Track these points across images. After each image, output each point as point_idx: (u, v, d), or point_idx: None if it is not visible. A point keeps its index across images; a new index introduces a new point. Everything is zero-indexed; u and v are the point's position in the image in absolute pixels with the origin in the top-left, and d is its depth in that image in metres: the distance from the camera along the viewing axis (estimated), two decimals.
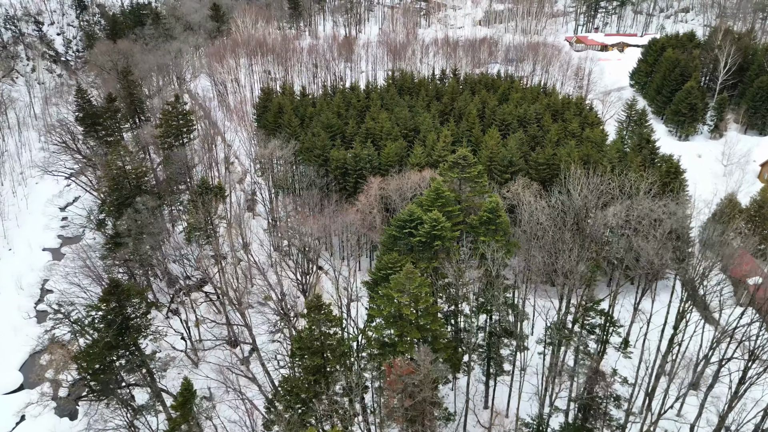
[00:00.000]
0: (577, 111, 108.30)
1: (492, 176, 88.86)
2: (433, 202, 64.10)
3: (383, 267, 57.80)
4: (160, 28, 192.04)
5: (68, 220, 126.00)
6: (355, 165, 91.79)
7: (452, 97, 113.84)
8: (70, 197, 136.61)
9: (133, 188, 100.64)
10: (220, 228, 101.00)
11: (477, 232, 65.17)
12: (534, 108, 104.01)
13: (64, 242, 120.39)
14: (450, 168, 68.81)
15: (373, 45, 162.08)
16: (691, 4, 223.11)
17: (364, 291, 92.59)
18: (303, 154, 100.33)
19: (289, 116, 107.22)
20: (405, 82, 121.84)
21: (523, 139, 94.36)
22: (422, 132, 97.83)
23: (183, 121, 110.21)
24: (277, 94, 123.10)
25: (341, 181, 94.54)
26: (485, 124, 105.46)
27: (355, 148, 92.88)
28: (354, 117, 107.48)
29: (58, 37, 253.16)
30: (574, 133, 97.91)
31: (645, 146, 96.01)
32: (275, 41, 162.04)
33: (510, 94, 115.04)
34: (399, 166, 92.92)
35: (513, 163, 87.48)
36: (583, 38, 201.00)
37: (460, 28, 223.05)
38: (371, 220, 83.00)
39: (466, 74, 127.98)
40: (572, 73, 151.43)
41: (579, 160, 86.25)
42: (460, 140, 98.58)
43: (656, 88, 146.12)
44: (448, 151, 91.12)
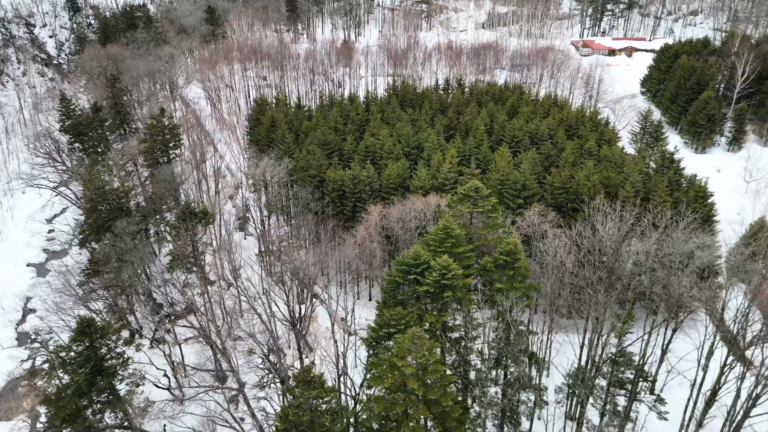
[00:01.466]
0: (592, 126, 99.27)
1: (503, 200, 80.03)
2: (442, 242, 55.25)
3: (385, 323, 48.99)
4: (152, 31, 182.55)
5: (54, 233, 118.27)
6: (354, 188, 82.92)
7: (457, 109, 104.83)
8: (58, 208, 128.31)
9: (114, 210, 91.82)
10: (206, 255, 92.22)
11: (491, 277, 56.40)
12: (546, 123, 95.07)
13: (49, 257, 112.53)
14: (460, 200, 59.94)
15: (372, 52, 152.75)
16: (700, 7, 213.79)
17: (363, 319, 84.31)
18: (297, 174, 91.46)
19: (283, 131, 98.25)
20: (407, 93, 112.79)
21: (536, 159, 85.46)
22: (426, 150, 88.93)
23: (169, 135, 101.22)
24: (270, 105, 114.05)
25: (338, 204, 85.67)
26: (494, 140, 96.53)
27: (354, 168, 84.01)
28: (352, 132, 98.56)
29: (51, 40, 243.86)
30: (591, 151, 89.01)
31: (669, 166, 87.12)
32: (270, 47, 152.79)
33: (519, 107, 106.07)
34: (401, 189, 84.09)
35: (526, 187, 78.64)
36: (590, 42, 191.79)
37: (462, 32, 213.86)
38: (371, 253, 74.26)
39: (472, 84, 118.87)
40: (582, 81, 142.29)
41: (599, 183, 77.39)
42: (467, 159, 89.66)
43: (670, 97, 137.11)
44: (455, 173, 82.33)
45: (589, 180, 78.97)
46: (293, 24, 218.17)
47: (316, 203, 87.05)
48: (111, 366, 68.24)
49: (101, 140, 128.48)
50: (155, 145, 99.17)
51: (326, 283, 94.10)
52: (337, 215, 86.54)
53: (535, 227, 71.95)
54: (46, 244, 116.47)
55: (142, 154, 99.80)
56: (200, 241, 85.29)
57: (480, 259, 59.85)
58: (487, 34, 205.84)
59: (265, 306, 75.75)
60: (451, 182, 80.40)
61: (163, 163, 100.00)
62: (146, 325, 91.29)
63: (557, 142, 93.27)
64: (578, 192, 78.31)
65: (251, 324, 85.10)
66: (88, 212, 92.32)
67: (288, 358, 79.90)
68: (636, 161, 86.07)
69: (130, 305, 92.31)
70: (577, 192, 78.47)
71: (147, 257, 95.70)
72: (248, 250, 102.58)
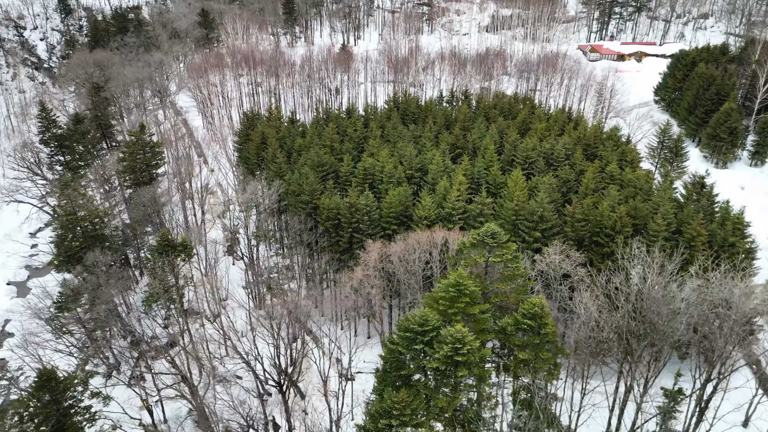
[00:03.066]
0: (612, 145, 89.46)
1: (517, 233, 70.38)
2: (453, 301, 45.55)
3: (385, 412, 39.40)
4: (143, 36, 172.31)
5: (38, 247, 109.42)
6: (350, 217, 73.17)
7: (464, 125, 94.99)
8: (42, 221, 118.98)
9: (88, 238, 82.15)
10: (189, 288, 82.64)
11: (511, 341, 46.76)
12: (562, 142, 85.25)
13: (31, 274, 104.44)
14: (473, 246, 50.21)
15: (372, 59, 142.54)
16: (711, 10, 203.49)
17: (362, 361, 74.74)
18: (289, 198, 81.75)
19: (274, 149, 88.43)
20: (408, 105, 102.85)
21: (553, 184, 75.68)
22: (431, 173, 79.14)
23: (151, 153, 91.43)
24: (262, 118, 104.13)
25: (333, 234, 75.96)
26: (504, 160, 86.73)
27: (351, 195, 74.22)
28: (349, 151, 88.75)
29: (41, 43, 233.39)
30: (613, 174, 79.21)
31: (700, 192, 77.36)
32: (265, 53, 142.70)
33: (532, 122, 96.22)
34: (403, 218, 74.36)
35: (544, 219, 68.90)
36: (598, 47, 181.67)
37: (465, 35, 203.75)
38: (369, 295, 64.61)
39: (479, 96, 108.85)
40: (595, 91, 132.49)
41: (626, 215, 67.63)
42: (476, 183, 79.89)
43: (688, 107, 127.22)
44: (463, 201, 72.57)
45: (615, 211, 69.29)
46: (290, 27, 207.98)
47: (309, 233, 77.44)
48: (75, 423, 60.09)
49: (83, 154, 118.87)
50: (135, 164, 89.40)
51: (321, 317, 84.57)
52: (332, 246, 76.89)
53: (555, 267, 62.39)
54: (29, 261, 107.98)
55: (120, 174, 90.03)
56: (180, 276, 75.73)
57: (497, 316, 50.25)
58: (491, 38, 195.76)
59: (252, 348, 66.62)
60: (459, 212, 70.70)
61: (145, 183, 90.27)
62: (125, 360, 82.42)
63: (575, 164, 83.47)
64: (602, 224, 68.63)
65: (235, 369, 76.13)
66: (59, 239, 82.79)
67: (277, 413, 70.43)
68: (665, 187, 76.24)
69: (107, 340, 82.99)
70: (600, 224, 68.78)
71: (124, 288, 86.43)
72: (237, 276, 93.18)
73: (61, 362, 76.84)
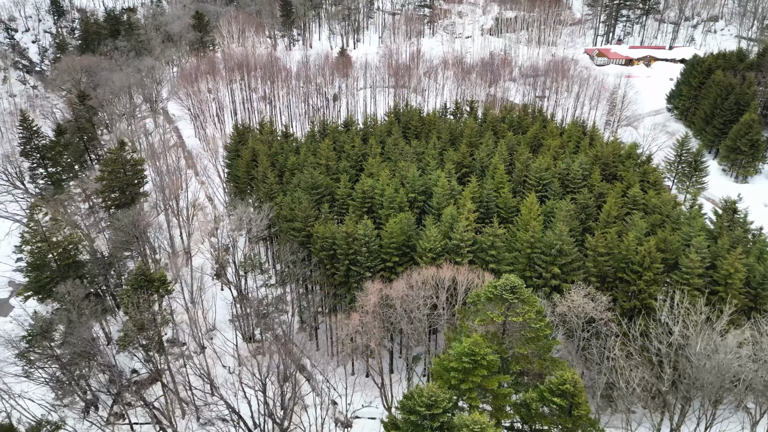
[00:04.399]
0: (632, 164, 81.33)
1: (533, 267, 62.35)
2: (467, 373, 37.57)
3: None
4: (133, 40, 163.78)
5: (23, 263, 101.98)
6: (347, 248, 65.05)
7: (470, 141, 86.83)
8: None
9: (61, 268, 74.12)
10: (170, 323, 74.61)
11: (536, 420, 38.77)
12: (579, 162, 77.09)
13: (14, 290, 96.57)
14: (489, 300, 42.18)
15: (372, 66, 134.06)
16: (721, 13, 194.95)
17: (360, 404, 66.96)
18: (280, 223, 73.66)
19: (264, 168, 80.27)
20: (411, 118, 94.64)
21: (570, 211, 67.55)
22: (435, 197, 71.00)
23: (132, 172, 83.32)
24: (253, 132, 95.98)
25: (328, 266, 67.85)
26: (515, 181, 78.61)
27: (347, 223, 66.06)
28: (347, 169, 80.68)
29: (33, 45, 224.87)
30: (636, 199, 71.06)
31: (734, 222, 69.21)
32: (260, 59, 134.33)
33: (544, 138, 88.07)
34: (406, 248, 66.28)
35: (563, 253, 60.80)
36: (606, 51, 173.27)
37: (468, 38, 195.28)
38: (367, 340, 56.54)
39: (486, 108, 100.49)
40: (606, 100, 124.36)
41: (654, 249, 59.53)
42: (486, 208, 71.78)
43: (704, 117, 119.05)
44: (472, 231, 64.45)
45: (642, 244, 61.24)
46: (288, 29, 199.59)
47: (301, 264, 69.38)
48: None
49: (66, 167, 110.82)
50: (115, 184, 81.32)
51: (316, 350, 76.59)
52: (328, 278, 68.80)
53: (579, 311, 54.46)
54: (12, 276, 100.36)
55: (99, 194, 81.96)
56: (160, 311, 67.71)
57: (517, 383, 42.24)
58: (494, 41, 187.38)
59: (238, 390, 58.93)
60: (467, 244, 62.57)
61: (126, 204, 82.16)
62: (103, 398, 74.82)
63: (593, 186, 75.35)
64: (628, 259, 60.58)
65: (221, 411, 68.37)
66: (29, 268, 74.76)
67: None
68: (694, 215, 68.09)
69: (83, 376, 75.08)
70: (626, 259, 60.72)
71: (102, 318, 78.57)
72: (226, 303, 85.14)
73: (37, 392, 69.75)
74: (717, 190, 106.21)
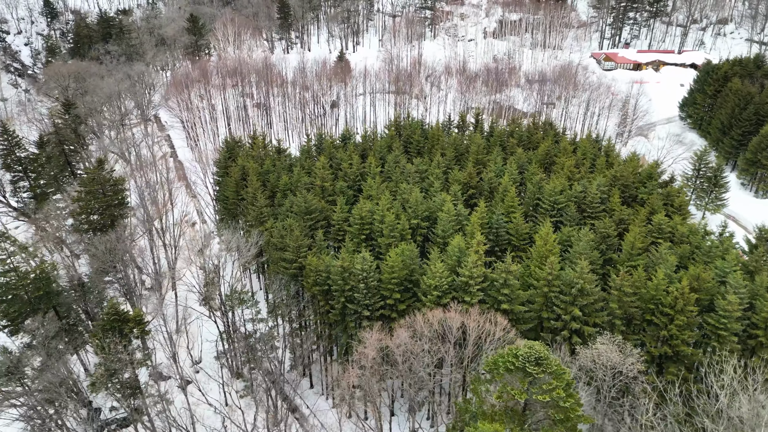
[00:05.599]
0: (655, 185, 73.95)
1: (551, 308, 55.11)
2: None
3: None
4: (124, 44, 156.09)
5: None
6: (343, 284, 57.78)
7: (477, 158, 79.44)
8: None
9: (32, 300, 66.80)
10: (143, 371, 67.34)
11: None
12: (596, 184, 69.68)
13: None
14: (509, 371, 34.98)
15: (372, 73, 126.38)
16: (730, 15, 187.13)
17: None
18: (270, 252, 66.37)
19: (254, 189, 72.87)
20: (413, 133, 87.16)
21: (592, 241, 60.24)
22: (441, 224, 63.64)
23: (111, 192, 75.98)
24: (245, 145, 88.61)
25: (322, 303, 60.58)
26: (527, 204, 71.28)
27: (343, 255, 58.70)
28: (344, 190, 73.36)
29: (26, 48, 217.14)
30: (662, 227, 63.71)
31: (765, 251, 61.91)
32: (255, 65, 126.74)
33: (556, 155, 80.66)
34: (408, 284, 59.00)
35: (585, 292, 53.54)
36: (613, 55, 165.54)
37: (471, 41, 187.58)
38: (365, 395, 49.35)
39: (493, 121, 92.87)
40: (618, 109, 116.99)
41: (688, 290, 52.21)
42: (496, 235, 64.47)
43: (721, 127, 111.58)
44: (482, 266, 57.12)
45: (672, 281, 54.00)
46: (285, 32, 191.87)
47: (293, 299, 62.17)
48: None
49: (49, 181, 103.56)
50: (92, 206, 74.00)
51: (309, 389, 69.37)
52: (322, 315, 61.57)
53: (606, 364, 47.21)
54: None
55: (76, 216, 74.67)
56: (135, 351, 60.46)
57: None
58: (498, 45, 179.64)
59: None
60: (477, 281, 55.25)
61: (105, 227, 74.82)
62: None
63: (612, 210, 68.04)
64: (657, 300, 53.33)
65: None
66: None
67: None
68: (727, 246, 60.73)
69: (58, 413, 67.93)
70: (655, 300, 53.48)
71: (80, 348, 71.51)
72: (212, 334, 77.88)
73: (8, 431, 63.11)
74: (737, 207, 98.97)
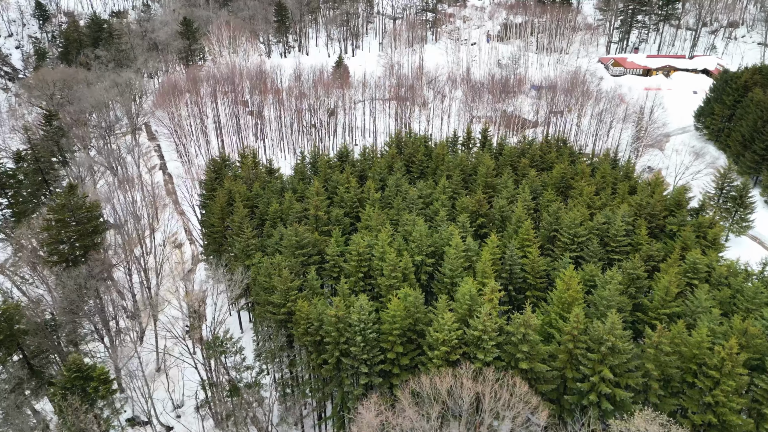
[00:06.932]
0: (684, 213, 65.89)
1: (577, 367, 47.15)
2: None
3: None
4: (113, 49, 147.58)
5: None
6: (338, 335, 49.83)
7: (486, 181, 71.33)
8: None
9: None
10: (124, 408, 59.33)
11: None
12: (621, 214, 61.56)
13: None
14: None
15: (371, 83, 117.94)
16: (741, 18, 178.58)
17: None
18: (255, 293, 58.35)
19: (241, 218, 64.75)
20: (416, 152, 79.00)
21: (621, 284, 52.24)
22: (448, 262, 55.56)
23: (86, 220, 67.86)
24: (234, 166, 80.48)
25: (313, 354, 52.61)
26: (543, 236, 63.21)
27: (338, 303, 50.60)
28: (340, 218, 65.31)
29: (16, 51, 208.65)
30: (697, 267, 55.65)
31: None
32: (249, 73, 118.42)
33: (573, 177, 72.54)
34: (411, 333, 51.04)
35: (616, 350, 45.58)
36: (621, 60, 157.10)
37: (473, 44, 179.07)
38: None
39: (501, 138, 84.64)
40: (631, 119, 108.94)
41: (737, 349, 44.21)
42: (510, 275, 56.45)
43: (742, 141, 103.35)
44: (496, 314, 49.10)
45: (716, 337, 46.06)
46: (283, 35, 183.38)
47: (281, 349, 54.19)
48: None
49: (26, 198, 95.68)
50: (62, 236, 65.97)
51: None
52: (313, 370, 53.59)
53: None
54: None
55: (45, 246, 66.65)
56: (104, 409, 52.56)
57: None
58: (502, 48, 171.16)
59: None
60: (492, 335, 47.24)
61: (76, 260, 66.79)
62: None
63: (638, 245, 60.01)
64: (701, 360, 45.38)
65: None
66: None
67: None
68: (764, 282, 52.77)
69: None
70: (698, 360, 45.53)
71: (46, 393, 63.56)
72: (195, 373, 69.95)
73: None
74: (763, 228, 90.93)
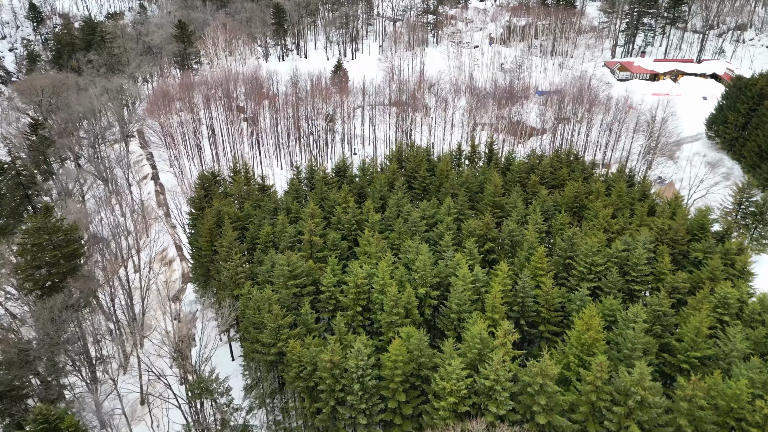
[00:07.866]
0: (709, 239, 60.43)
1: (600, 421, 41.75)
2: None
3: None
4: (105, 53, 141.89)
5: None
6: (333, 383, 44.42)
7: (494, 201, 65.85)
8: None
9: None
10: None
11: None
12: (642, 241, 56.09)
13: None
14: None
15: (370, 90, 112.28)
16: (750, 20, 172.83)
17: None
18: (244, 327, 52.93)
19: (230, 242, 59.31)
20: (418, 167, 73.49)
21: (645, 321, 46.83)
22: (455, 295, 50.11)
23: (65, 244, 62.39)
24: (224, 183, 75.01)
25: (306, 401, 47.18)
26: (556, 263, 57.75)
27: (333, 346, 45.13)
28: (337, 243, 59.88)
29: (10, 54, 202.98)
30: (728, 302, 50.18)
31: None
32: (244, 78, 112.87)
33: (587, 196, 67.04)
34: (415, 379, 45.63)
35: (645, 404, 40.20)
36: (628, 64, 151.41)
37: (476, 47, 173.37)
38: None
39: (510, 153, 79.19)
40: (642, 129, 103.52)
41: None
42: (521, 307, 51.01)
43: (758, 151, 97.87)
44: (509, 362, 43.66)
45: (755, 388, 40.66)
46: (281, 38, 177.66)
47: (271, 395, 48.79)
48: None
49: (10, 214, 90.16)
50: (38, 262, 60.52)
51: None
52: (307, 417, 48.17)
53: None
54: None
55: (19, 272, 61.19)
56: None
57: None
58: (505, 51, 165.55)
59: None
60: (505, 384, 41.82)
61: (53, 286, 61.33)
62: None
63: (661, 274, 54.55)
64: (740, 416, 40.01)
65: None
66: None
67: None
68: None
69: None
70: (737, 414, 40.16)
71: None
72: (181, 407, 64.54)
73: None
74: None
